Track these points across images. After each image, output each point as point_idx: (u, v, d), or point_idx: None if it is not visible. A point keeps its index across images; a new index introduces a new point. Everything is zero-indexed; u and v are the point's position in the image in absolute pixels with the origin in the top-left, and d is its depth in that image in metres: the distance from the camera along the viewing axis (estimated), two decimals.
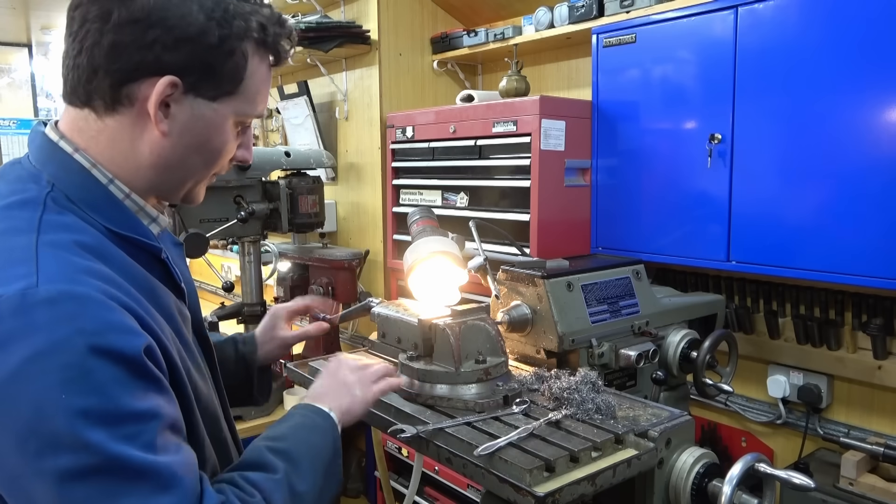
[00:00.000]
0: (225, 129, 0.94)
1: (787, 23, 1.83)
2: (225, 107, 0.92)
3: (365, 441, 3.29)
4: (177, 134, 0.90)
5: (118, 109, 0.88)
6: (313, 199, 2.83)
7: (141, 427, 0.77)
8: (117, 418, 0.75)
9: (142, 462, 0.76)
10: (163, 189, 0.96)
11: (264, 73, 0.96)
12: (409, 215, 1.89)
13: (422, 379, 1.42)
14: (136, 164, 0.91)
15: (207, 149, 0.94)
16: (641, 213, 2.22)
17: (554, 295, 1.65)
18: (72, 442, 0.73)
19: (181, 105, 0.89)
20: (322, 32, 2.98)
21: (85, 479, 0.73)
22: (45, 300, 0.75)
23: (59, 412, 0.73)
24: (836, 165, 1.76)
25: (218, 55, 0.88)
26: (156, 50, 0.85)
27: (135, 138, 0.90)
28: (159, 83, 0.86)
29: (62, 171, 0.89)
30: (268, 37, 0.94)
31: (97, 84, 0.87)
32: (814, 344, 2.11)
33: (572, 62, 2.84)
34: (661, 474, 1.25)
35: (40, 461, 0.73)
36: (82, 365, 0.74)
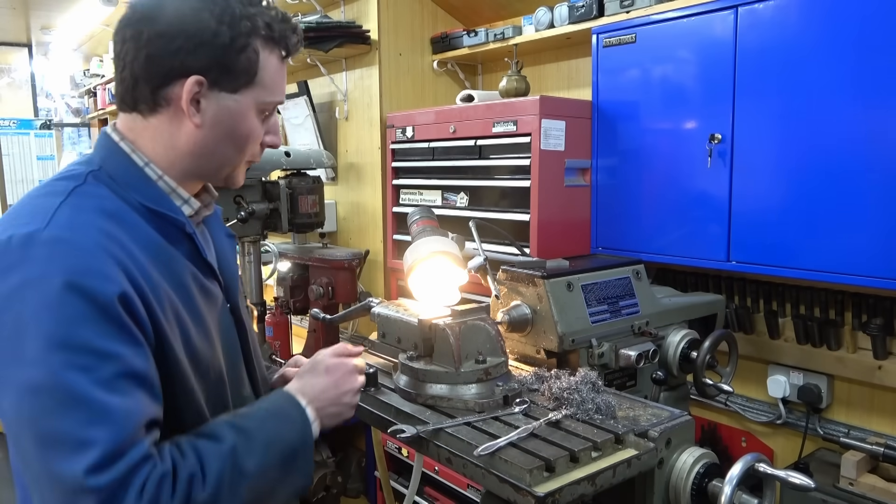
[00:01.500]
0: (249, 116, 1.08)
1: (787, 23, 1.83)
2: (246, 97, 1.06)
3: (365, 441, 3.29)
4: (208, 125, 1.05)
5: (158, 110, 1.04)
6: (313, 199, 2.82)
7: (97, 363, 0.87)
8: (76, 349, 0.86)
9: (86, 393, 0.85)
10: (202, 174, 1.11)
11: (276, 64, 1.09)
12: (409, 215, 1.89)
13: (422, 379, 1.42)
14: (176, 153, 1.06)
15: (236, 135, 1.08)
16: (641, 213, 2.22)
17: (554, 295, 1.65)
18: (33, 359, 0.86)
19: (209, 99, 1.04)
20: (322, 32, 2.98)
21: (35, 395, 0.86)
22: (45, 241, 0.91)
23: (30, 333, 0.86)
24: (836, 165, 1.76)
25: (231, 52, 1.02)
26: (181, 56, 1.00)
27: (174, 132, 1.05)
28: (187, 83, 1.01)
29: (109, 155, 1.06)
30: (274, 33, 1.06)
31: (139, 91, 1.03)
32: (814, 344, 2.11)
33: (572, 62, 2.84)
34: (661, 474, 1.25)
35: (8, 370, 0.88)
36: (57, 297, 0.87)
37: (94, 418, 0.85)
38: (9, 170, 7.27)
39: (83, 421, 0.85)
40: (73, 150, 7.70)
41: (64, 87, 7.97)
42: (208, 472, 0.94)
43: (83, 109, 7.62)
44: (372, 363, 1.68)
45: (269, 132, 1.13)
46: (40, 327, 0.86)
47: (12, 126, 7.39)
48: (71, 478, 0.84)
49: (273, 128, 1.15)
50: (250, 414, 1.06)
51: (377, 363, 1.69)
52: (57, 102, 8.22)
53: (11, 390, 0.88)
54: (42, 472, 0.87)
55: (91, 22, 6.20)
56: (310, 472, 1.07)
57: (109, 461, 0.85)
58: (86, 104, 7.47)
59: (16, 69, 8.15)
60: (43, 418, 0.85)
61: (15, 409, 0.88)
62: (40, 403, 0.86)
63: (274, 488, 1.02)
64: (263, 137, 1.13)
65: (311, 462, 1.07)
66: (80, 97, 7.59)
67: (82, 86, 7.35)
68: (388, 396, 1.47)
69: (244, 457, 0.98)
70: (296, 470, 1.05)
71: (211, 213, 1.20)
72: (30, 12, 6.37)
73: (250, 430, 1.02)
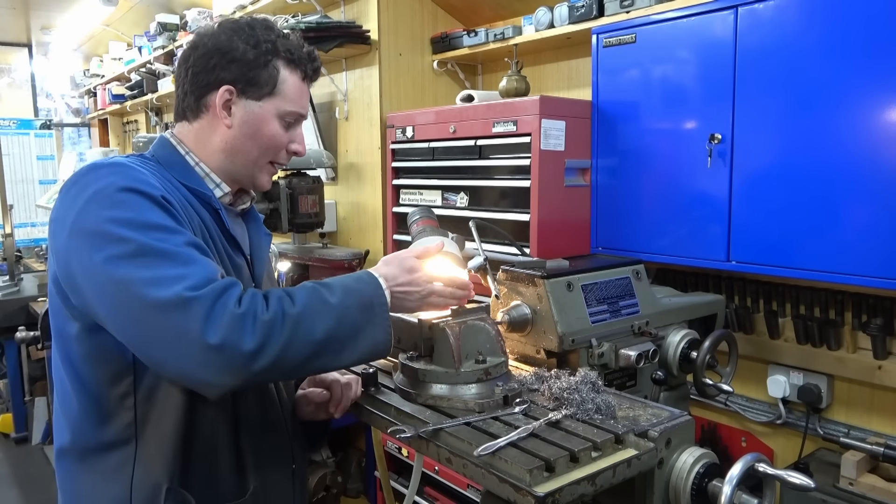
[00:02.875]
0: (271, 121, 1.29)
1: (787, 23, 1.83)
2: (268, 104, 1.29)
3: (365, 441, 3.29)
4: (237, 126, 1.28)
5: (200, 115, 1.30)
6: (313, 199, 2.83)
7: (169, 235, 1.08)
8: (150, 227, 1.07)
9: (170, 249, 1.05)
10: (231, 171, 1.32)
11: (297, 82, 1.32)
12: (409, 215, 1.89)
13: (422, 379, 1.42)
14: (212, 149, 1.30)
15: (259, 135, 1.29)
16: (641, 213, 2.22)
17: (554, 295, 1.65)
18: (119, 238, 1.05)
19: (238, 106, 1.27)
20: (322, 32, 2.98)
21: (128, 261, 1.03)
22: (106, 164, 1.16)
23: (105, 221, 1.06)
24: (837, 165, 1.76)
25: (256, 67, 1.26)
26: (216, 71, 1.26)
27: (211, 132, 1.29)
28: (220, 91, 1.26)
29: (160, 147, 1.32)
30: (293, 56, 1.30)
31: (187, 101, 1.30)
32: (814, 344, 2.11)
33: (572, 62, 2.84)
34: (661, 474, 1.25)
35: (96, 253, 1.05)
36: (123, 195, 1.09)
37: (183, 262, 1.05)
38: (9, 170, 7.26)
39: (174, 265, 1.04)
40: (72, 150, 7.71)
41: (64, 87, 7.97)
42: (296, 297, 1.10)
43: (83, 109, 7.62)
44: (372, 363, 1.69)
45: (293, 141, 1.34)
46: (115, 216, 1.06)
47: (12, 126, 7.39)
48: (171, 296, 1.00)
49: (298, 138, 1.36)
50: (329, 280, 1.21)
51: (377, 363, 1.69)
52: (57, 102, 8.22)
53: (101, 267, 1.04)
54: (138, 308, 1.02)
55: (91, 22, 6.20)
56: (388, 328, 1.19)
57: (204, 283, 1.03)
58: (86, 104, 7.47)
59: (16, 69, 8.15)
60: (136, 270, 1.03)
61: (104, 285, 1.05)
62: (133, 266, 1.03)
63: (357, 331, 1.14)
64: (288, 145, 1.34)
65: (388, 319, 1.19)
66: (80, 97, 7.59)
67: (82, 86, 7.35)
68: (388, 396, 1.47)
69: (327, 294, 1.13)
70: (374, 320, 1.17)
71: (249, 210, 1.42)
72: (30, 12, 6.38)
73: (329, 283, 1.17)
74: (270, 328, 1.04)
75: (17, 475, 4.11)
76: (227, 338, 1.00)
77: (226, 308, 1.02)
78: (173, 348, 1.01)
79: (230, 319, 1.01)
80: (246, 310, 1.03)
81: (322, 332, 1.09)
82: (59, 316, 1.17)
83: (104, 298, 1.06)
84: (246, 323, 1.02)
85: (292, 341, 1.06)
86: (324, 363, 1.12)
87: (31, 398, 4.59)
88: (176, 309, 1.00)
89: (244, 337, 1.01)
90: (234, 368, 1.02)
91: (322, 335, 1.09)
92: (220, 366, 1.01)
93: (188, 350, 1.00)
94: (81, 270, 1.08)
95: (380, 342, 1.18)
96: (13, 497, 3.86)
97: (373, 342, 1.17)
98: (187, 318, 1.00)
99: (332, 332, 1.10)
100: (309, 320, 1.08)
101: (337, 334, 1.11)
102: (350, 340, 1.14)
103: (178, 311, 1.00)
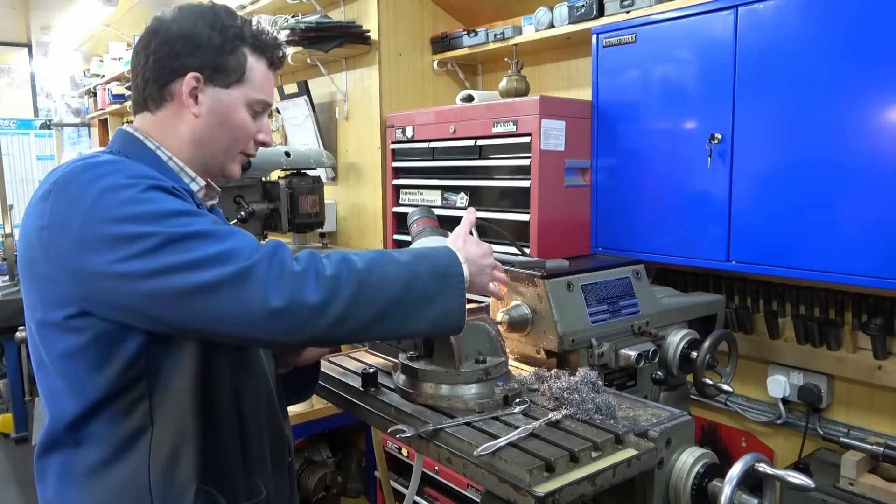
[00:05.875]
0: (240, 109, 1.24)
1: (787, 23, 1.83)
2: (237, 92, 1.23)
3: (365, 441, 3.29)
4: (205, 115, 1.21)
5: (164, 105, 1.21)
6: (313, 199, 2.83)
7: (194, 219, 1.03)
8: (172, 215, 1.02)
9: (202, 230, 1.01)
10: (201, 162, 1.25)
11: (264, 70, 1.26)
12: (409, 215, 1.89)
13: (422, 379, 1.42)
14: (180, 140, 1.22)
15: (228, 124, 1.23)
16: (641, 213, 2.22)
17: (554, 295, 1.65)
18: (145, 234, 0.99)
19: (205, 94, 1.21)
20: (322, 32, 2.98)
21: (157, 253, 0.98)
22: (105, 161, 1.10)
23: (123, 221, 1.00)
24: (837, 165, 1.76)
25: (222, 53, 1.20)
26: (181, 57, 1.18)
27: (178, 122, 1.22)
28: (186, 78, 1.19)
29: (124, 143, 1.22)
30: (260, 42, 1.25)
31: (149, 91, 1.21)
32: (814, 344, 2.11)
33: (572, 62, 2.84)
34: (661, 474, 1.25)
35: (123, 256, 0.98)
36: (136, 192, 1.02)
37: (221, 238, 1.01)
38: (9, 170, 7.26)
39: (212, 242, 1.00)
40: (72, 149, 7.71)
41: (64, 87, 7.97)
42: (360, 256, 1.07)
43: (83, 109, 7.62)
44: (372, 363, 1.69)
45: (260, 131, 1.29)
46: (133, 213, 1.00)
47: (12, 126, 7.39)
48: (223, 273, 0.97)
49: (264, 128, 1.30)
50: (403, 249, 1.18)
51: (377, 363, 1.69)
52: (57, 102, 8.22)
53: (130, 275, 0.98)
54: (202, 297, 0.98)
55: (91, 22, 6.20)
56: (462, 298, 1.15)
57: (253, 252, 1.00)
58: (86, 104, 7.47)
59: (16, 69, 8.15)
60: (181, 257, 0.98)
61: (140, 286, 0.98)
62: (167, 255, 0.98)
63: (429, 295, 1.10)
64: (256, 135, 1.28)
65: (462, 288, 1.15)
66: (80, 97, 7.59)
67: (82, 86, 7.35)
68: (388, 396, 1.47)
69: (396, 255, 1.11)
70: (449, 290, 1.13)
71: (215, 205, 1.34)
72: (30, 12, 6.38)
73: (402, 249, 1.15)
74: (335, 283, 1.01)
75: (17, 475, 4.11)
76: (291, 296, 0.98)
77: (283, 268, 0.99)
78: (239, 323, 0.98)
79: (291, 278, 0.99)
80: (306, 266, 1.01)
81: (390, 292, 1.06)
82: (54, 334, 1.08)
83: (141, 299, 0.99)
84: (308, 278, 1.00)
85: (358, 298, 1.03)
86: (390, 327, 1.08)
87: (31, 398, 4.59)
88: (232, 285, 0.97)
89: (307, 292, 0.99)
90: (304, 325, 1.00)
91: (390, 296, 1.06)
92: (290, 325, 0.99)
93: (254, 320, 0.98)
94: (106, 277, 1.00)
95: (453, 312, 1.13)
96: (13, 497, 3.86)
97: (444, 311, 1.12)
98: (246, 289, 0.97)
99: (400, 296, 1.07)
100: (377, 279, 1.05)
101: (405, 298, 1.07)
102: (420, 307, 1.09)
103: (235, 286, 0.97)
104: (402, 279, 1.08)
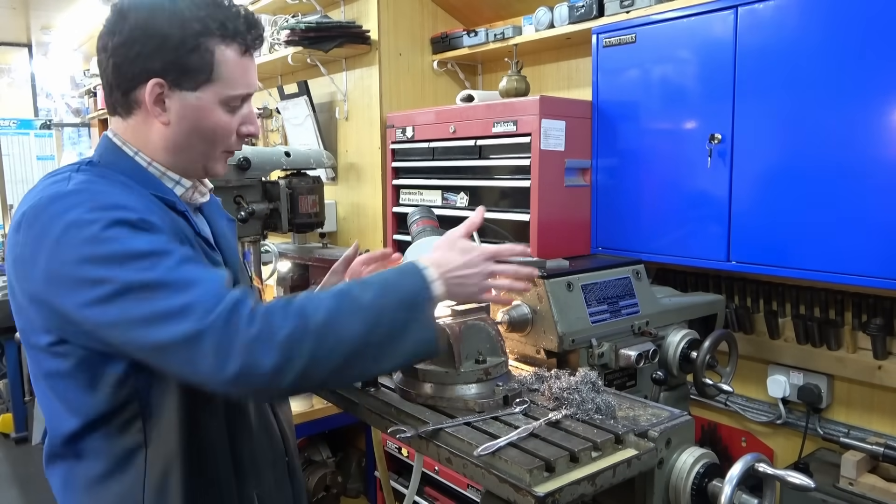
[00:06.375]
0: (213, 111, 1.14)
1: (787, 23, 1.83)
2: (206, 93, 1.12)
3: (365, 441, 3.29)
4: (175, 122, 1.13)
5: (133, 112, 1.14)
6: (313, 199, 2.82)
7: (157, 260, 0.97)
8: (128, 257, 0.97)
9: (161, 279, 0.96)
10: (180, 167, 1.18)
11: (235, 59, 1.14)
12: (409, 215, 1.89)
13: (422, 378, 1.42)
14: (154, 148, 1.15)
15: (201, 129, 1.14)
16: (641, 213, 2.22)
17: (554, 295, 1.65)
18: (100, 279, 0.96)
19: (172, 99, 1.11)
20: (322, 32, 2.98)
21: (117, 301, 0.95)
22: (72, 192, 1.03)
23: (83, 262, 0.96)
24: (837, 165, 1.76)
25: (183, 53, 1.09)
26: (140, 62, 1.08)
27: (148, 130, 1.14)
28: (148, 85, 1.09)
29: (105, 150, 1.16)
30: (227, 30, 1.12)
31: (115, 97, 1.13)
32: (814, 344, 2.11)
33: (572, 62, 2.84)
34: (661, 474, 1.25)
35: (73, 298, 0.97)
36: (96, 228, 0.97)
37: (180, 289, 0.96)
38: (9, 170, 7.28)
39: (170, 294, 0.95)
40: (72, 150, 7.71)
41: (64, 87, 7.97)
42: (319, 303, 1.00)
43: (83, 109, 7.62)
44: None
45: (244, 123, 1.19)
46: (93, 255, 0.96)
47: (12, 126, 7.40)
48: (177, 335, 0.93)
49: (248, 118, 1.20)
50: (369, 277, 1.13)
51: None
52: (57, 102, 8.22)
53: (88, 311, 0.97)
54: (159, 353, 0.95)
55: (91, 22, 6.20)
56: (432, 325, 1.10)
57: (211, 308, 0.94)
58: (86, 104, 7.47)
59: (16, 69, 8.15)
60: (135, 309, 0.95)
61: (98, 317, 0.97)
62: (124, 306, 0.95)
63: (396, 330, 1.05)
64: (239, 128, 1.19)
65: (432, 316, 1.10)
66: (80, 97, 7.59)
67: (82, 86, 7.35)
68: (388, 396, 1.47)
69: (358, 293, 1.04)
70: (419, 319, 1.07)
71: (208, 201, 1.29)
72: (30, 12, 6.37)
73: (367, 280, 1.09)
74: (290, 343, 0.95)
75: (17, 475, 4.11)
76: (244, 365, 0.93)
77: (237, 333, 0.94)
78: (197, 381, 0.96)
79: (243, 345, 0.93)
80: (260, 329, 0.95)
81: (354, 337, 0.99)
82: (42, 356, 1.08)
83: (109, 342, 0.99)
84: (261, 344, 0.94)
85: (319, 353, 0.97)
86: (364, 369, 1.04)
87: (31, 398, 4.59)
88: (183, 348, 0.93)
89: (262, 358, 0.94)
90: (262, 388, 0.96)
91: (354, 341, 1.00)
92: (247, 390, 0.96)
93: (210, 382, 0.95)
94: (74, 316, 0.99)
95: (424, 342, 1.07)
96: (13, 497, 3.86)
97: (416, 343, 1.06)
98: (198, 353, 0.93)
99: (366, 337, 1.00)
100: (337, 327, 0.99)
101: (372, 338, 1.01)
102: (390, 343, 1.04)
103: (186, 349, 0.93)
104: (366, 318, 1.02)
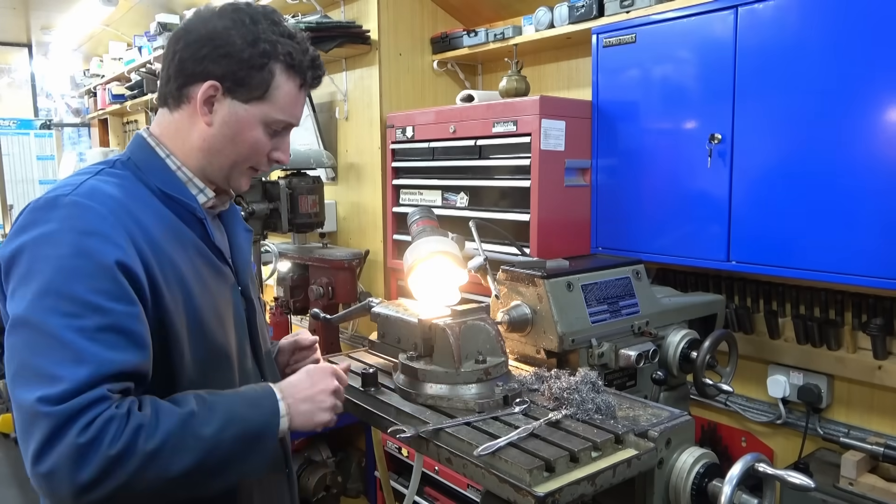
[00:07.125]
0: (255, 127, 1.20)
1: (787, 23, 1.83)
2: (255, 109, 1.19)
3: (365, 441, 3.29)
4: (217, 125, 1.19)
5: (181, 106, 1.20)
6: (313, 199, 2.83)
7: (83, 313, 0.98)
8: (66, 298, 0.98)
9: (65, 337, 0.97)
10: (208, 171, 1.23)
11: (293, 90, 1.21)
12: (409, 215, 1.89)
13: (422, 379, 1.42)
14: (190, 146, 1.21)
15: (239, 139, 1.20)
16: (641, 213, 2.22)
17: (554, 295, 1.65)
18: (28, 301, 0.99)
19: (221, 104, 1.18)
20: (322, 32, 2.98)
21: (23, 330, 0.99)
22: (66, 204, 1.05)
23: (34, 278, 1.00)
24: (836, 165, 1.76)
25: (248, 68, 1.16)
26: (205, 63, 1.15)
27: (191, 127, 1.20)
28: (204, 85, 1.16)
29: (138, 148, 1.22)
30: (294, 62, 1.20)
31: (169, 88, 1.20)
32: (814, 344, 2.11)
33: (572, 62, 2.84)
34: (661, 474, 1.25)
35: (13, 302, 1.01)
36: (64, 251, 1.01)
37: (67, 359, 0.96)
38: (9, 170, 7.28)
39: (56, 360, 0.96)
40: (72, 149, 7.71)
41: (64, 87, 7.97)
42: (159, 427, 1.00)
43: (83, 109, 7.62)
44: (372, 363, 1.69)
45: (277, 149, 1.25)
46: (42, 274, 0.99)
47: (12, 126, 7.39)
48: (28, 404, 0.94)
49: (283, 146, 1.26)
50: (224, 393, 1.12)
51: (377, 363, 1.69)
52: (57, 102, 8.22)
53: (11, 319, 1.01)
54: (12, 396, 0.98)
55: (91, 22, 6.20)
56: (269, 455, 1.12)
57: (67, 396, 0.94)
58: (86, 104, 7.47)
59: (16, 69, 8.15)
60: (25, 351, 0.98)
61: (8, 340, 1.00)
62: (25, 339, 0.98)
63: (229, 462, 1.06)
64: (271, 152, 1.25)
65: (270, 450, 1.12)
66: (80, 97, 7.59)
67: (82, 86, 7.35)
68: (388, 396, 1.47)
69: (202, 423, 1.04)
70: (256, 452, 1.09)
71: (227, 209, 1.34)
72: (30, 12, 6.37)
73: (215, 403, 1.07)
74: (113, 463, 0.94)
75: (18, 475, 4.11)
76: (57, 467, 0.92)
77: (67, 435, 0.92)
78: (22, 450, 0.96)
79: (66, 449, 0.92)
80: (89, 440, 0.93)
81: (180, 469, 0.99)
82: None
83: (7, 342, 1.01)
84: (83, 456, 0.93)
85: (139, 477, 0.96)
86: (186, 491, 1.03)
87: None
88: (28, 418, 0.94)
89: (78, 469, 0.92)
90: (60, 497, 0.94)
91: (181, 470, 1.00)
92: (48, 491, 0.95)
93: (27, 464, 0.95)
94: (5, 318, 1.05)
95: (256, 472, 1.11)
96: (13, 497, 3.86)
97: (245, 473, 1.09)
98: (34, 431, 0.93)
99: (195, 468, 1.01)
100: (167, 456, 0.98)
101: (202, 468, 1.02)
102: (220, 473, 1.05)
103: (28, 422, 0.94)
104: (201, 454, 1.02)
